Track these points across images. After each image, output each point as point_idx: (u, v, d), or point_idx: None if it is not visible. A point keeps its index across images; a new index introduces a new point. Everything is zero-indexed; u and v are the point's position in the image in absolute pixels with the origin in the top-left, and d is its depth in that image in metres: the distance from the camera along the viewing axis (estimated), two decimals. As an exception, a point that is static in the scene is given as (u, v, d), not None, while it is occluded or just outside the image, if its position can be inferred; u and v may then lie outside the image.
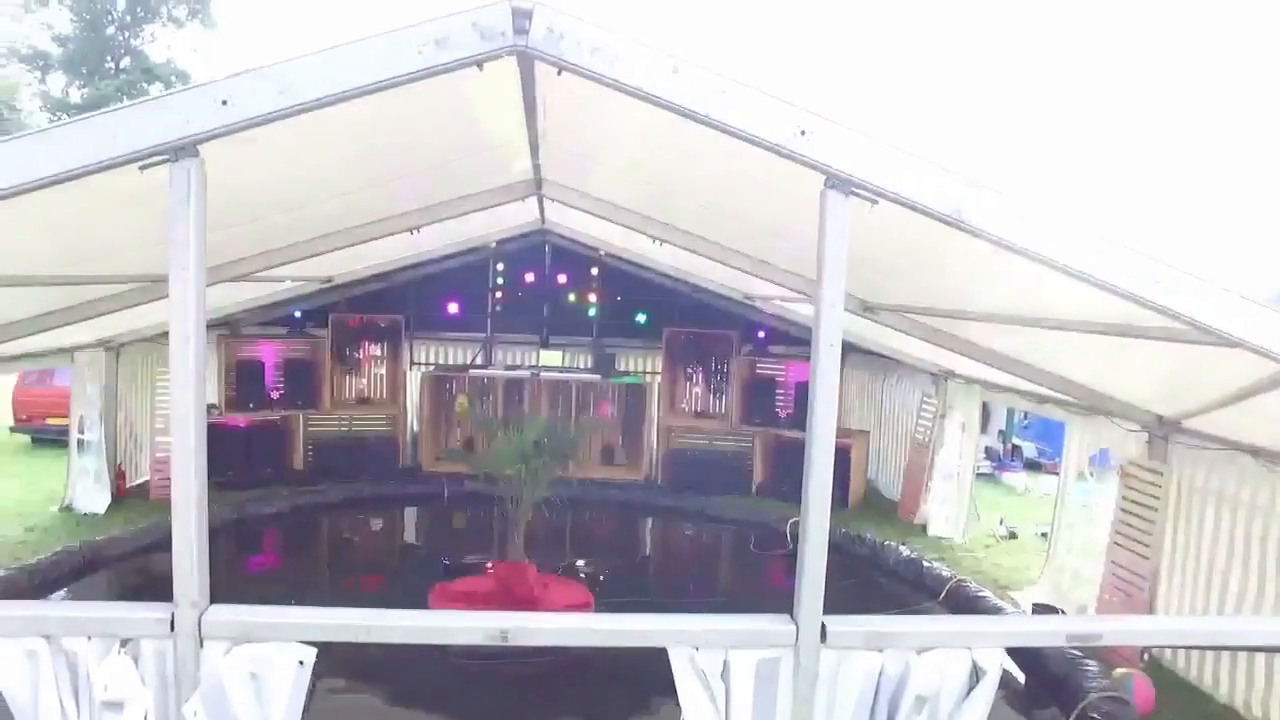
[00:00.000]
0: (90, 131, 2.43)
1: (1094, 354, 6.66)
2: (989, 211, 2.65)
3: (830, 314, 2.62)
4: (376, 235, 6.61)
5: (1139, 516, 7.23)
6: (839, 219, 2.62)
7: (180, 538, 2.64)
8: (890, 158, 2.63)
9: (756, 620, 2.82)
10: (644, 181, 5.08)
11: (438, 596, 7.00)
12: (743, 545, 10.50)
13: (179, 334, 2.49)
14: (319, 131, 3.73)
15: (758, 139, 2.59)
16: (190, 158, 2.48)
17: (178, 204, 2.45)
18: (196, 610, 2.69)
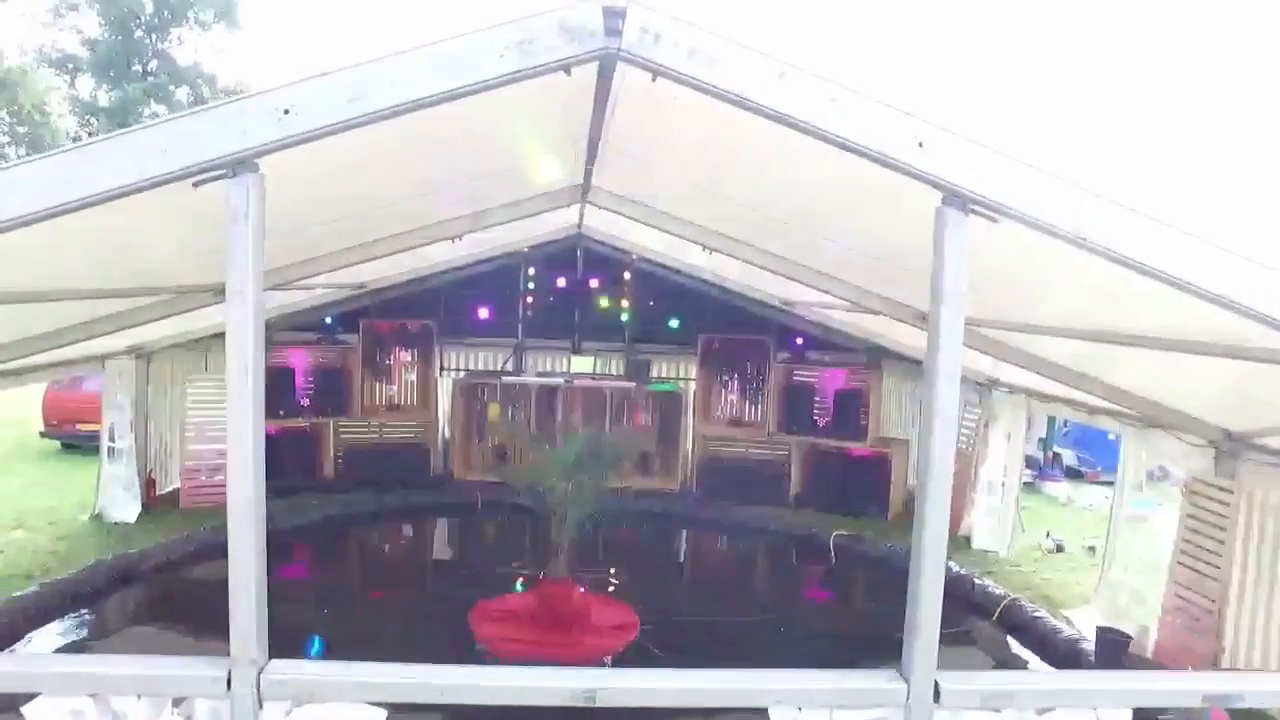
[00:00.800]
0: (138, 146, 2.23)
1: (1155, 365, 6.39)
2: (1114, 229, 2.40)
3: (949, 344, 2.38)
4: (419, 243, 6.43)
5: (1206, 536, 6.92)
6: (957, 239, 2.38)
7: (238, 588, 2.43)
8: (1011, 171, 2.39)
9: (864, 677, 2.58)
10: (704, 189, 4.84)
11: (479, 616, 6.80)
12: (784, 558, 10.23)
13: (237, 365, 2.29)
14: (374, 140, 3.53)
15: (869, 151, 2.36)
16: (249, 172, 2.27)
17: (235, 222, 2.24)
18: (255, 667, 2.48)
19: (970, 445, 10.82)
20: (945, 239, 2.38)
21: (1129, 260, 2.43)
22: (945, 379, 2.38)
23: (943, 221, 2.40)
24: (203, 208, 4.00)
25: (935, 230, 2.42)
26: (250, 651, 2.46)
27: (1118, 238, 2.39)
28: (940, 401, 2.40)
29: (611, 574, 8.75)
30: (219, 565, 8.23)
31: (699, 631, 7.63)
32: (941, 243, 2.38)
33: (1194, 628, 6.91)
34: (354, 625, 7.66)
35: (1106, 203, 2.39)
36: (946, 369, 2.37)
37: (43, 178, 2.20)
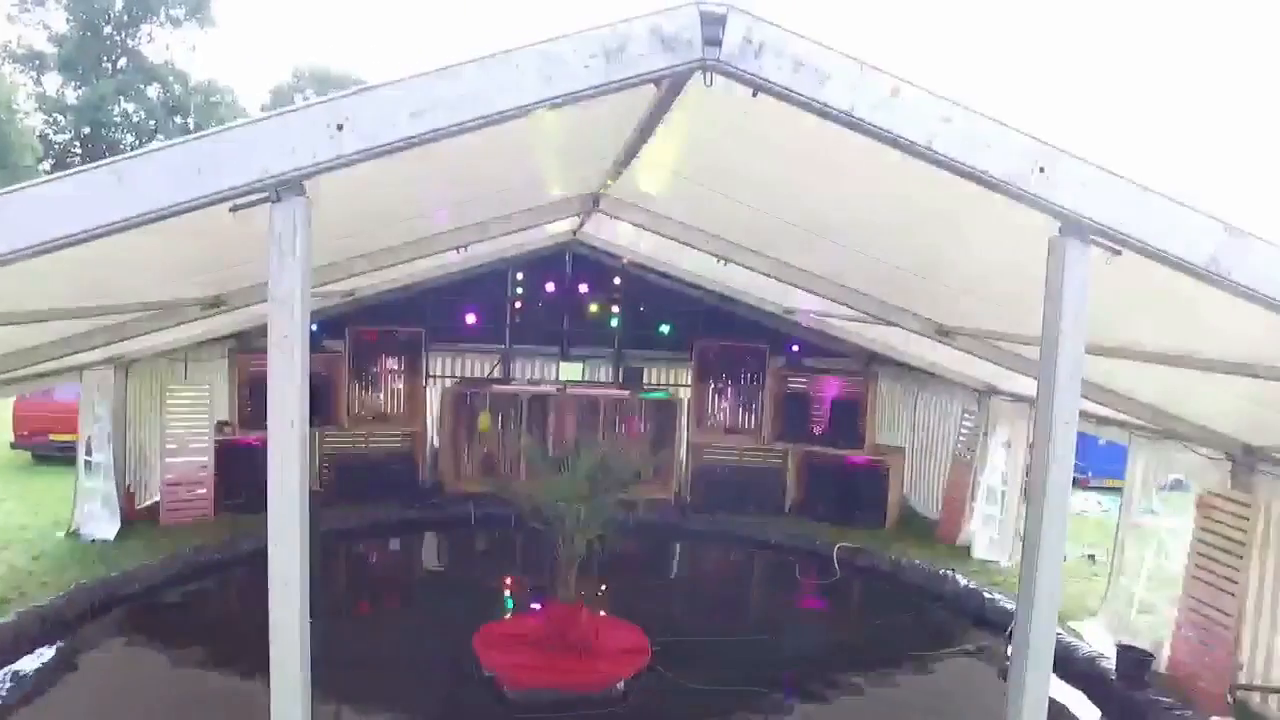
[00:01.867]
0: (168, 166, 1.96)
1: (1172, 376, 6.26)
2: (1250, 261, 2.20)
3: (1067, 384, 2.16)
4: (425, 254, 6.16)
5: (1222, 550, 6.81)
6: (1079, 272, 2.17)
7: (282, 665, 2.15)
8: (1138, 198, 2.18)
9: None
10: (748, 203, 4.62)
11: (484, 639, 6.54)
12: (787, 572, 10.03)
13: (282, 417, 2.03)
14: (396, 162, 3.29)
15: (983, 175, 2.15)
16: (295, 195, 2.01)
17: (282, 255, 1.98)
18: None
19: (968, 453, 10.70)
20: (1066, 271, 2.17)
21: (1265, 297, 2.24)
22: (1062, 423, 2.18)
23: (1060, 253, 2.19)
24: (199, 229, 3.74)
25: (1050, 262, 2.21)
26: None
27: (1258, 273, 2.20)
28: (1058, 448, 2.19)
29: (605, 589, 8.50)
30: (205, 588, 7.93)
31: (708, 651, 7.40)
32: (1060, 276, 2.17)
33: (1209, 642, 6.79)
34: (346, 650, 7.34)
35: (1244, 236, 2.20)
36: (1064, 413, 2.17)
37: (54, 202, 1.92)
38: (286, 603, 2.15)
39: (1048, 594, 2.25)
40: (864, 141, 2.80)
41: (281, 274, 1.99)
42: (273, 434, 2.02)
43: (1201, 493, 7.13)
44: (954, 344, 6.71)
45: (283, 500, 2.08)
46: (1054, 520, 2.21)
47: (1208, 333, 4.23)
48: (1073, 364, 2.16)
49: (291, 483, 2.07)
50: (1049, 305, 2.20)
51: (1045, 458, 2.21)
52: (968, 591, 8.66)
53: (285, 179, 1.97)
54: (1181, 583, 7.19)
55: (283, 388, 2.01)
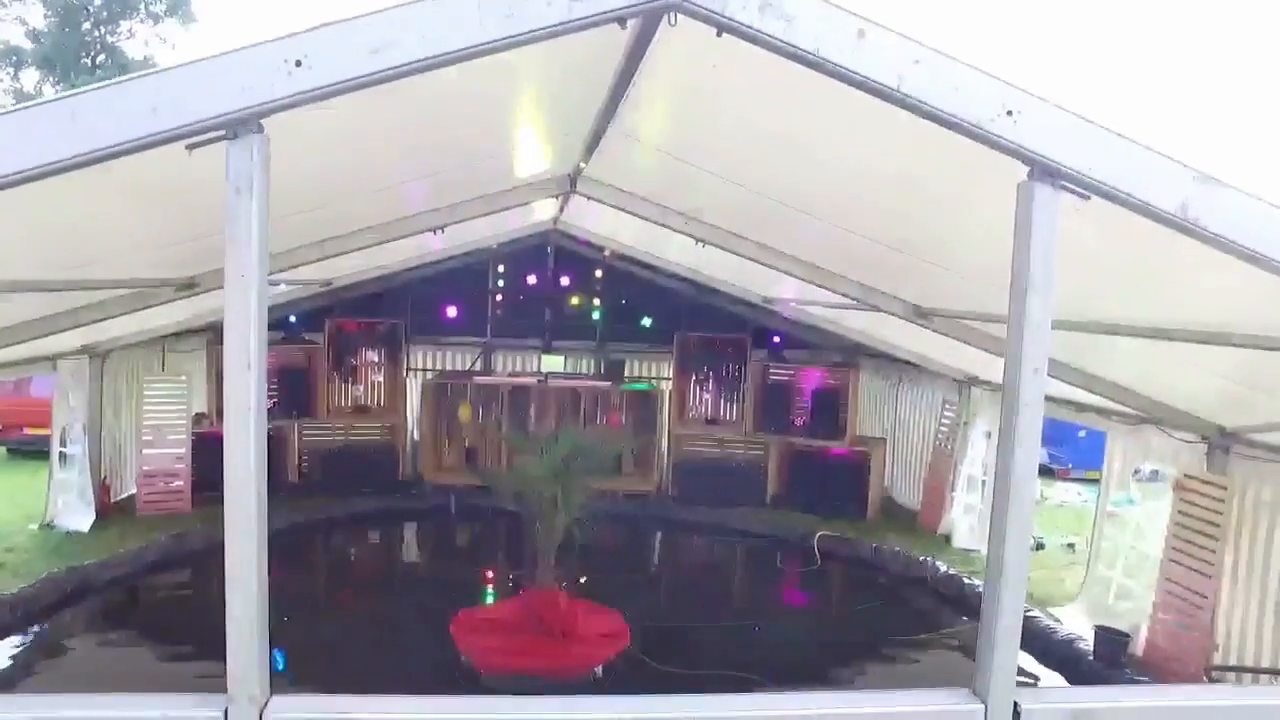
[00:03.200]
0: (123, 102, 1.92)
1: (1148, 359, 6.30)
2: (1226, 210, 2.20)
3: (1035, 339, 2.15)
4: (398, 236, 6.11)
5: (1198, 533, 6.84)
6: (1047, 216, 2.16)
7: (237, 611, 2.12)
8: (1108, 144, 2.18)
9: (937, 698, 2.35)
10: (722, 175, 4.60)
11: (461, 625, 6.49)
12: (768, 561, 10.03)
13: (238, 357, 2.00)
14: (362, 116, 3.24)
15: (955, 120, 2.13)
16: (252, 133, 1.97)
17: (238, 193, 1.94)
18: (256, 706, 2.15)
19: (949, 444, 10.73)
20: (1033, 218, 2.15)
21: (1237, 246, 2.24)
22: (1030, 375, 2.16)
23: (1029, 198, 2.17)
24: (168, 190, 3.69)
25: (1019, 208, 2.20)
26: (250, 686, 2.14)
27: (1229, 220, 2.20)
28: (1025, 396, 2.18)
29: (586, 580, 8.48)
30: (183, 576, 7.85)
31: (686, 639, 7.39)
32: (1028, 222, 2.16)
33: (1186, 624, 6.83)
34: (321, 637, 7.29)
35: (1214, 182, 2.19)
36: (1031, 364, 2.16)
37: (3, 135, 1.87)
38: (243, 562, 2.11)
39: (1016, 543, 2.24)
40: (836, 103, 2.80)
41: (238, 212, 1.95)
42: (229, 375, 1.99)
43: (1178, 475, 7.17)
44: (933, 326, 6.71)
45: (239, 447, 2.05)
46: (1023, 465, 2.20)
47: (1181, 302, 4.25)
48: (1042, 311, 2.15)
49: (246, 433, 2.03)
50: (1018, 252, 2.19)
51: (1015, 404, 2.19)
52: (947, 577, 8.69)
53: (241, 116, 1.94)
54: (1159, 567, 7.23)
55: (240, 327, 1.98)
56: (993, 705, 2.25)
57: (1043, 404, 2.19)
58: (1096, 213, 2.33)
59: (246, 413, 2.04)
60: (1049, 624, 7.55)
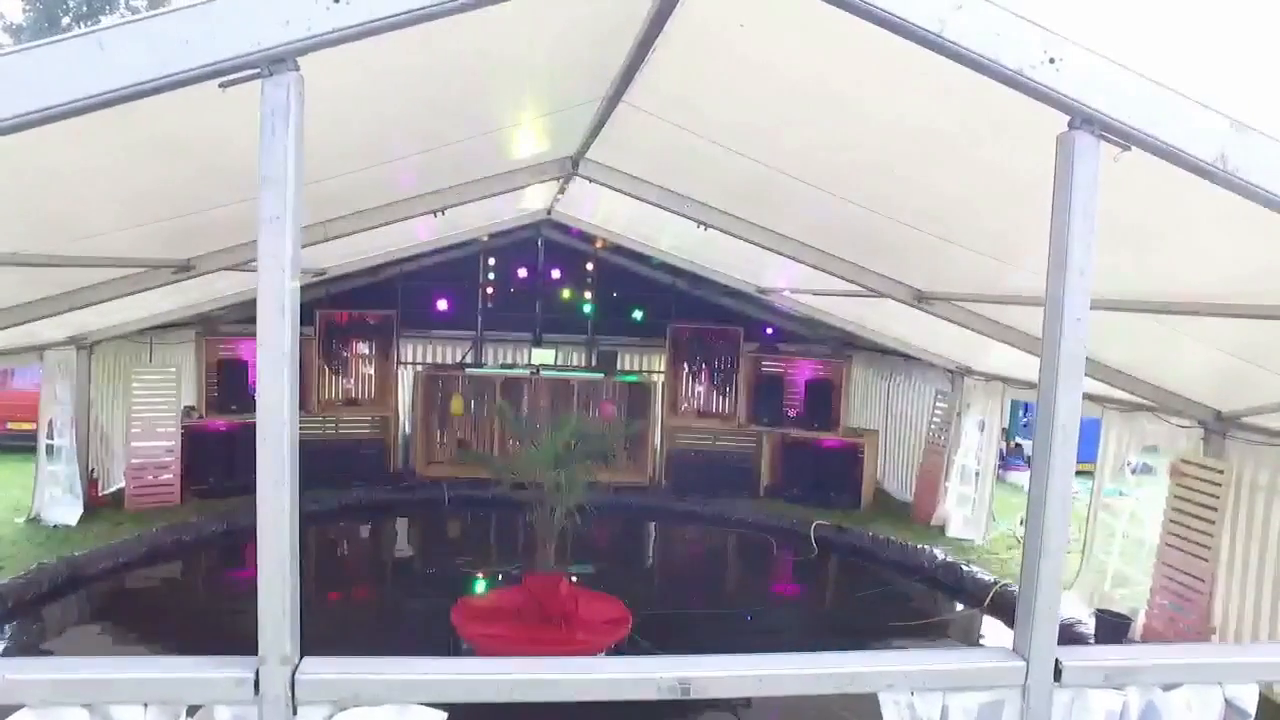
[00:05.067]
0: (153, 35, 1.86)
1: (1145, 343, 6.32)
2: (1262, 160, 2.18)
3: (1078, 284, 2.11)
4: (398, 218, 6.03)
5: (1195, 517, 6.87)
6: (1088, 166, 2.13)
7: (269, 574, 2.05)
8: (1149, 92, 2.15)
9: (978, 657, 2.32)
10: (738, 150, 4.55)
11: (462, 612, 6.44)
12: (764, 550, 10.02)
13: (273, 304, 1.93)
14: (377, 81, 3.20)
15: (996, 67, 2.10)
16: (288, 71, 1.92)
17: (273, 131, 1.89)
18: (288, 667, 2.06)
19: (942, 435, 10.75)
20: (1075, 167, 2.12)
21: (1275, 196, 2.22)
22: (1071, 324, 2.13)
23: (1070, 147, 2.14)
24: (165, 158, 3.61)
25: (1059, 159, 2.17)
26: (283, 648, 2.07)
27: (1267, 169, 2.18)
28: (1066, 346, 2.15)
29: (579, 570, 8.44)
30: (174, 568, 7.72)
31: (688, 626, 7.36)
32: (1070, 171, 2.13)
33: (1183, 608, 6.86)
34: (318, 629, 7.20)
35: (1251, 131, 2.18)
36: (1074, 313, 2.12)
37: (27, 71, 1.79)
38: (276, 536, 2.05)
39: (1057, 502, 2.22)
40: (867, 58, 2.77)
41: (273, 150, 1.89)
42: (262, 319, 1.93)
43: (1174, 460, 7.20)
44: (934, 311, 6.70)
45: (272, 392, 1.99)
46: (1066, 409, 2.18)
47: (1183, 273, 4.25)
48: (1083, 262, 2.12)
49: (280, 379, 1.97)
50: (1058, 206, 2.16)
51: (1055, 352, 2.16)
52: (946, 564, 8.70)
53: (278, 52, 1.88)
54: (1155, 552, 7.26)
55: (274, 271, 1.92)
56: (1034, 662, 2.23)
57: (1085, 351, 2.17)
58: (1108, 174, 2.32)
59: (281, 356, 1.98)
60: (1048, 609, 7.56)
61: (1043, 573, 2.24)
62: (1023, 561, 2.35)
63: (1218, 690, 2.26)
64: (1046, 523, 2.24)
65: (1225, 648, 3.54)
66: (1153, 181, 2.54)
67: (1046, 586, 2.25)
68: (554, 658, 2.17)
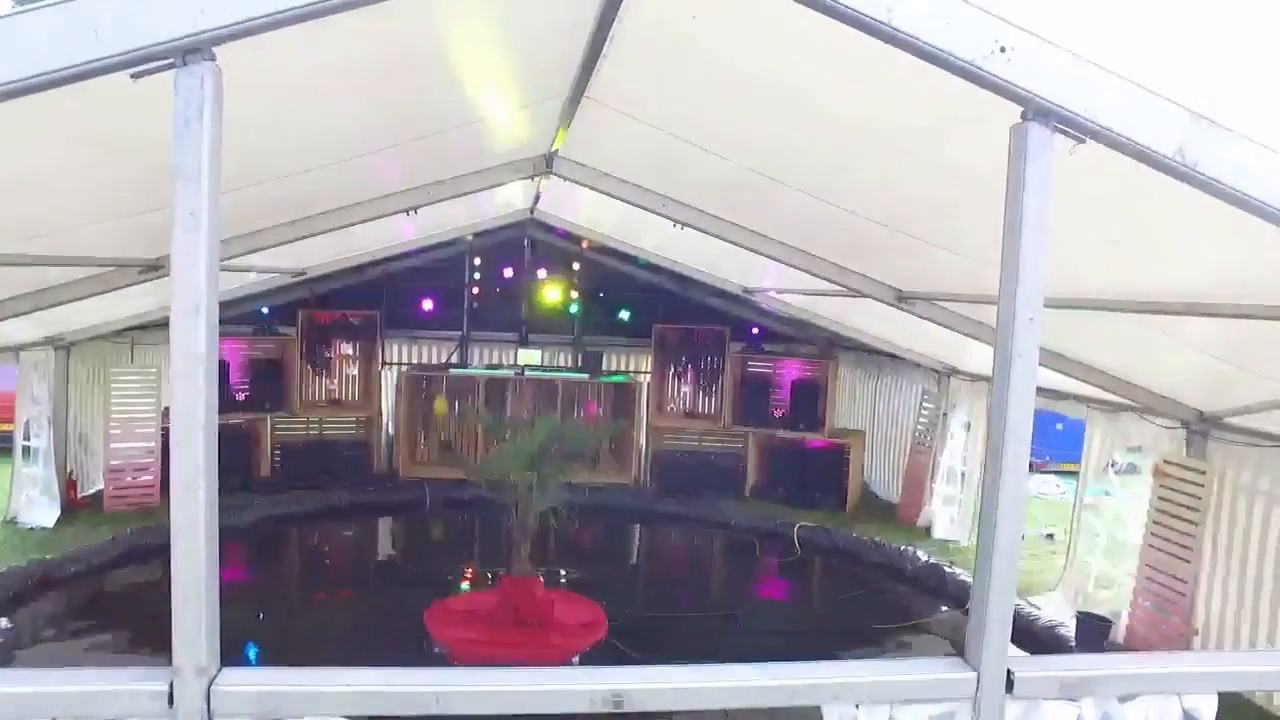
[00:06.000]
0: (58, 24, 1.78)
1: (1128, 343, 6.27)
2: (1222, 155, 2.11)
3: (1030, 280, 2.05)
4: (370, 217, 5.95)
5: (1177, 518, 6.83)
6: (1042, 161, 2.06)
7: (183, 577, 1.97)
8: (1104, 84, 2.08)
9: (927, 668, 2.25)
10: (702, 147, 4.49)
11: (436, 615, 6.36)
12: (748, 552, 9.95)
13: (187, 305, 1.86)
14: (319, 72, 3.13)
15: (946, 57, 2.03)
16: (203, 60, 1.84)
17: (186, 122, 1.81)
18: (205, 678, 1.98)
19: (928, 435, 10.69)
20: (1028, 161, 2.05)
21: (1240, 194, 2.16)
22: (1024, 325, 2.07)
23: (1022, 140, 2.07)
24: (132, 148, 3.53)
25: (1012, 152, 2.10)
26: (198, 657, 1.98)
27: (1225, 163, 2.11)
28: (1019, 345, 2.08)
29: (567, 572, 8.38)
30: (147, 570, 7.62)
31: (667, 629, 7.29)
32: (1021, 166, 2.06)
33: (1165, 610, 6.81)
34: (295, 632, 7.15)
35: (1210, 124, 2.11)
36: (1026, 313, 2.06)
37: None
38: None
39: (1009, 507, 2.16)
40: (821, 51, 2.70)
41: (187, 143, 1.82)
42: (175, 321, 1.86)
43: (1157, 461, 7.15)
44: (914, 310, 6.64)
45: (186, 397, 1.91)
46: (1017, 415, 2.12)
47: (1165, 272, 4.19)
48: (1036, 255, 2.05)
49: (195, 383, 1.89)
50: (1010, 198, 2.09)
51: (1008, 355, 2.10)
52: (929, 566, 8.64)
53: (191, 42, 1.81)
54: (1139, 553, 7.21)
55: (189, 270, 1.85)
56: (985, 673, 2.16)
57: (1037, 354, 2.11)
58: (1082, 166, 2.25)
59: (196, 359, 1.91)
60: (1030, 611, 7.51)
61: (994, 580, 2.18)
62: (975, 569, 2.29)
63: (1176, 701, 2.20)
64: (998, 529, 2.18)
65: (1183, 656, 3.48)
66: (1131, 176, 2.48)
67: (998, 594, 2.19)
68: (482, 668, 2.10)
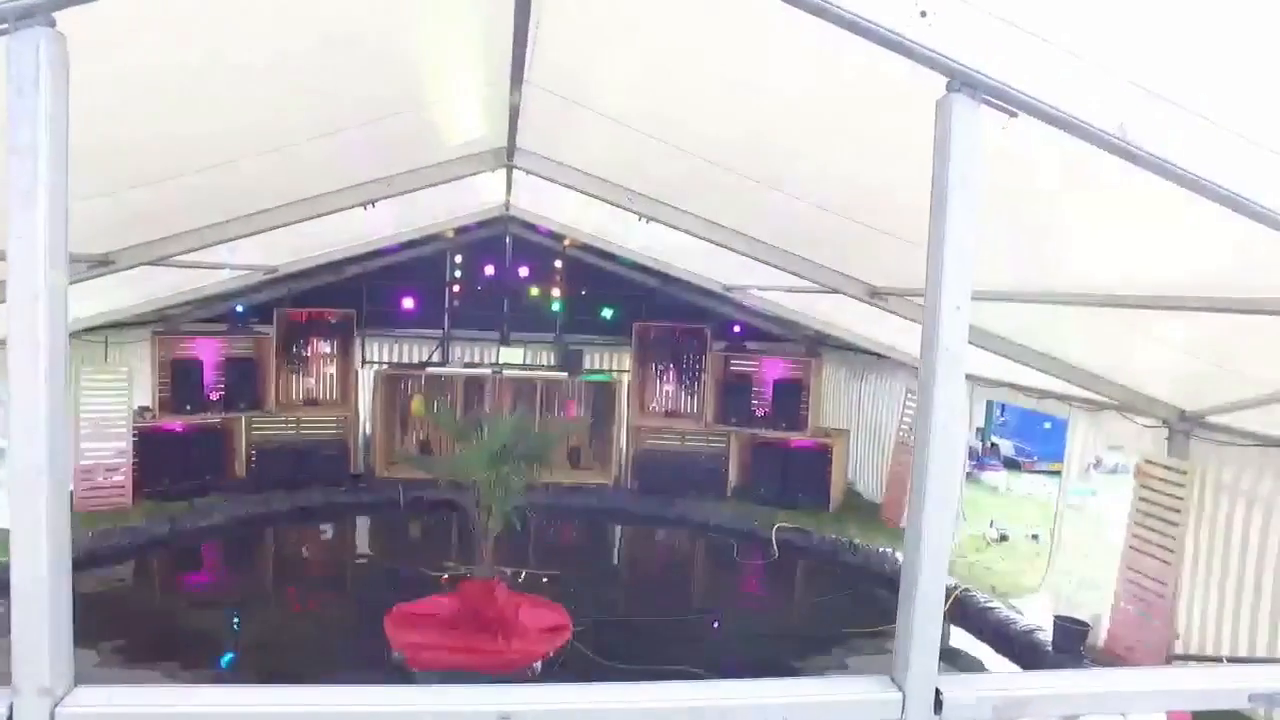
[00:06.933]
0: None
1: (1108, 340, 6.13)
2: (1160, 129, 1.96)
3: (957, 265, 1.88)
4: (324, 211, 5.78)
5: (1159, 519, 6.70)
6: (968, 134, 1.89)
7: (24, 592, 1.81)
8: (1036, 52, 1.92)
9: (850, 687, 2.09)
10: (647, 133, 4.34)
11: (395, 620, 6.20)
12: (725, 553, 9.79)
13: (23, 292, 1.70)
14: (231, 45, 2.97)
15: (868, 25, 1.87)
16: (38, 26, 1.69)
17: (20, 95, 1.65)
18: (48, 699, 1.80)
19: (912, 435, 10.52)
20: (953, 135, 1.88)
21: (1185, 173, 2.00)
22: (949, 313, 1.90)
23: (947, 114, 1.91)
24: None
25: (938, 126, 1.93)
26: (41, 678, 1.81)
27: (1175, 143, 1.95)
28: (944, 338, 1.92)
29: (541, 574, 8.20)
30: (104, 576, 7.43)
31: (637, 633, 7.14)
32: (947, 141, 1.89)
33: (1147, 613, 6.68)
34: (263, 634, 7.00)
35: (1154, 98, 1.95)
36: (953, 300, 1.90)
37: None
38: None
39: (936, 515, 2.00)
40: (747, 28, 2.55)
41: (21, 117, 1.67)
42: (11, 306, 1.71)
43: (1139, 462, 7.01)
44: (888, 307, 6.49)
45: (24, 383, 1.75)
46: (943, 421, 1.96)
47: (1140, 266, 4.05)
48: (963, 237, 1.89)
49: (35, 386, 1.73)
50: (937, 180, 1.92)
51: (933, 347, 1.94)
52: (907, 568, 8.48)
53: (26, 6, 1.65)
54: (1121, 555, 7.07)
55: (27, 257, 1.69)
56: (912, 693, 2.01)
57: (966, 347, 1.95)
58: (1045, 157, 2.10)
59: (35, 348, 1.75)
60: (1008, 614, 7.38)
61: (920, 592, 2.03)
62: (901, 578, 2.14)
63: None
64: (924, 539, 2.03)
65: (1126, 673, 3.32)
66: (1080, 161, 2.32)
67: (924, 608, 2.03)
68: (358, 687, 1.94)
